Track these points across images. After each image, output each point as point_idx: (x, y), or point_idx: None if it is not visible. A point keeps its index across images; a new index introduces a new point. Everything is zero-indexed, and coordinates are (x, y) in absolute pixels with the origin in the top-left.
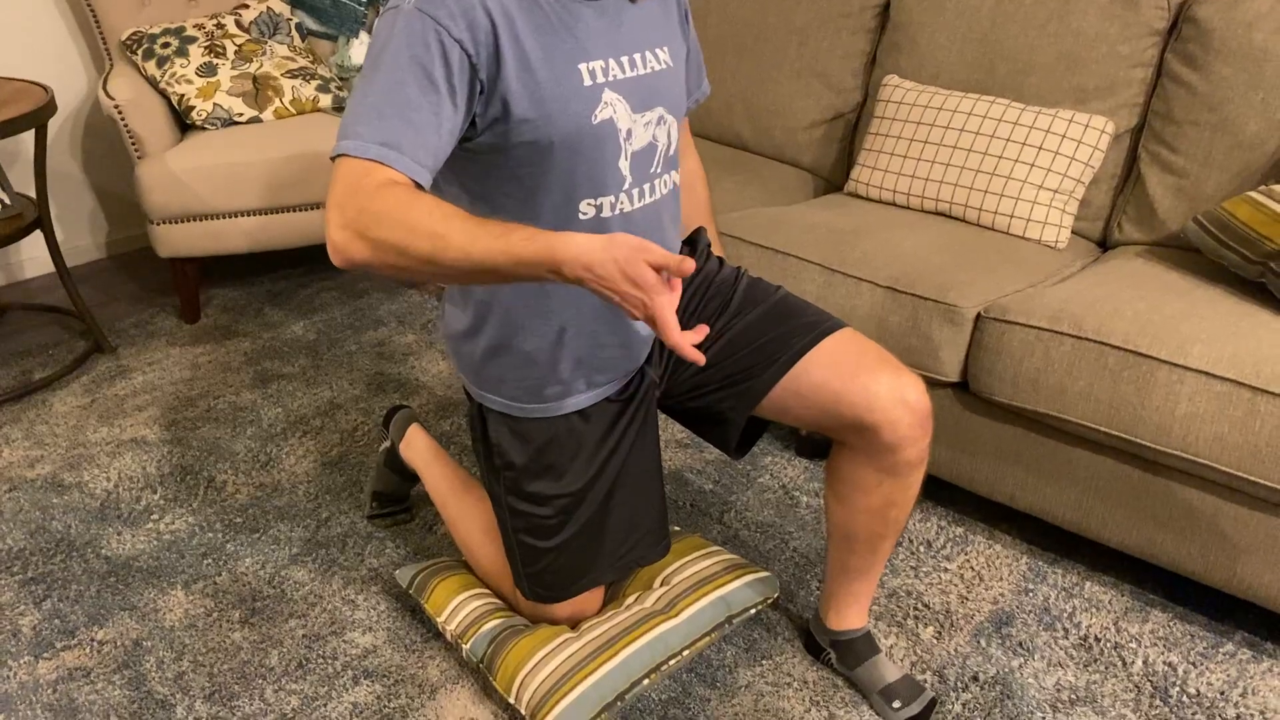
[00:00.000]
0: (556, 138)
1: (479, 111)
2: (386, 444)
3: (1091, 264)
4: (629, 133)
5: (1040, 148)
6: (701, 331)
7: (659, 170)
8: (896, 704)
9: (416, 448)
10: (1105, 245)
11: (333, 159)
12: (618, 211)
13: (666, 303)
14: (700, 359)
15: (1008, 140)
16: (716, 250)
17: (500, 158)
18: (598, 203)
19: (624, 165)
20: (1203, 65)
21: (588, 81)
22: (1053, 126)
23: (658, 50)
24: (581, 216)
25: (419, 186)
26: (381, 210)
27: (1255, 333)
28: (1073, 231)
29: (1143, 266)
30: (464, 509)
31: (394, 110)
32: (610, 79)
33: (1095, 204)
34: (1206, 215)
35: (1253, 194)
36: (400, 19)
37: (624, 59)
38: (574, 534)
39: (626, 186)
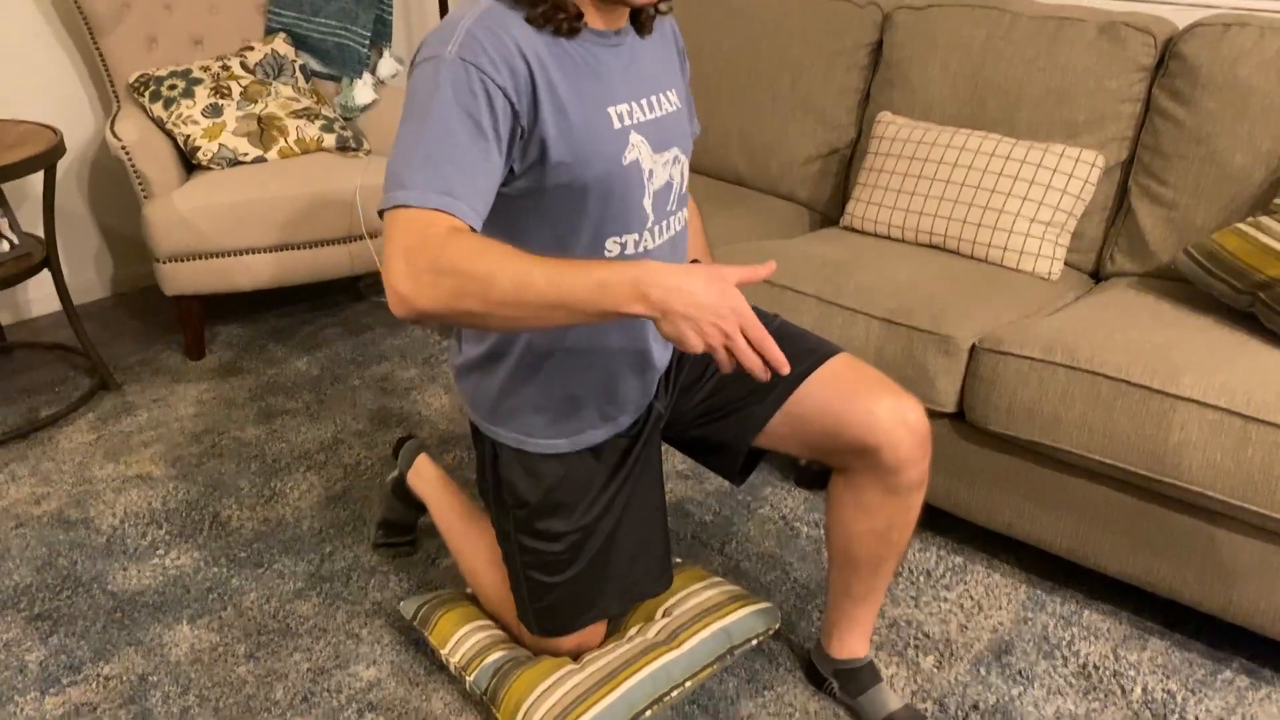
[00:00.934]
0: (590, 179)
1: (517, 156)
2: (395, 473)
3: (1084, 295)
4: (651, 173)
5: (1032, 181)
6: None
7: (674, 208)
8: None
9: (425, 477)
10: (1098, 276)
11: (384, 210)
12: (641, 249)
13: (752, 315)
14: (786, 367)
15: (1000, 174)
16: None
17: (534, 199)
18: (623, 240)
19: (647, 204)
20: (1190, 100)
21: (617, 124)
22: (1044, 160)
23: (668, 92)
24: (607, 254)
25: (474, 229)
26: (457, 257)
27: (1245, 361)
28: (1065, 263)
29: (1135, 297)
30: (470, 539)
31: (447, 158)
32: (635, 121)
33: (1087, 236)
34: (1196, 246)
35: (1241, 225)
36: (444, 68)
37: (644, 101)
38: (582, 569)
39: (649, 224)
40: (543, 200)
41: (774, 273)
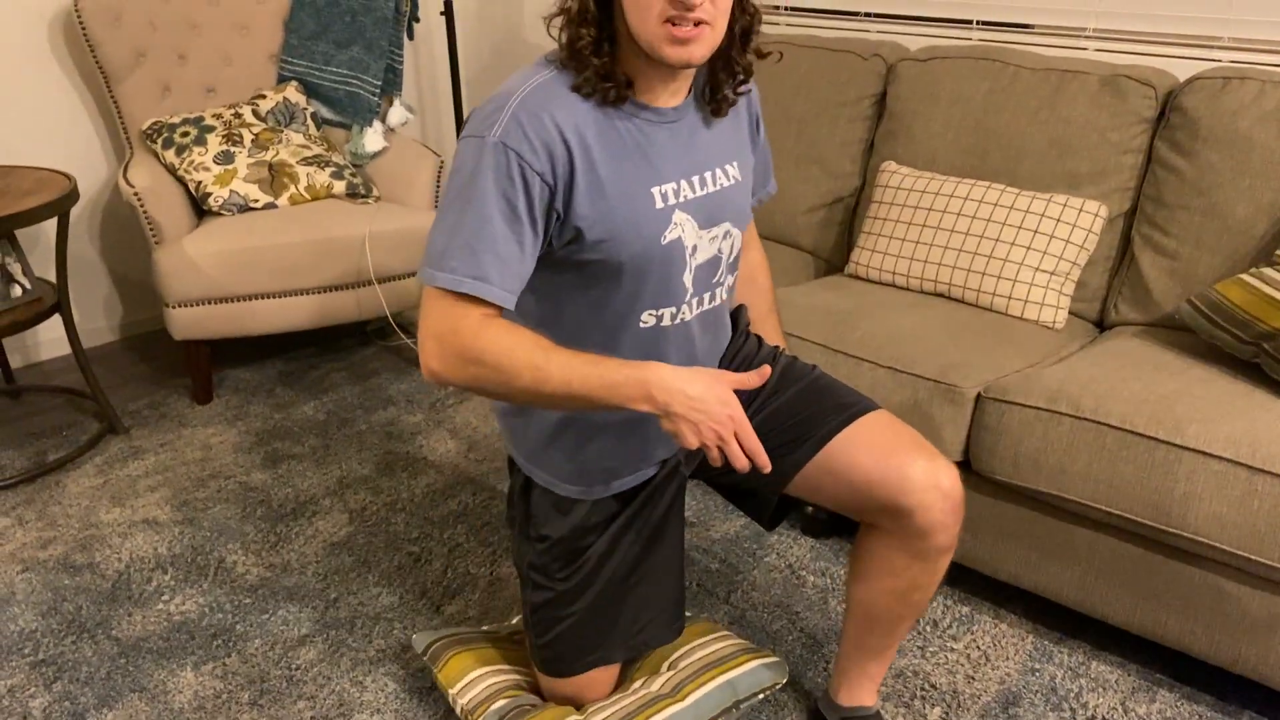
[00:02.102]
0: (626, 258)
1: (555, 233)
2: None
3: (1089, 344)
4: (694, 249)
5: (1036, 231)
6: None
7: (721, 279)
8: None
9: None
10: (1102, 325)
11: (423, 281)
12: (678, 321)
13: (746, 423)
14: (768, 466)
15: (1004, 224)
16: (776, 339)
17: (572, 272)
18: (659, 313)
19: (687, 279)
20: (1191, 152)
21: (659, 204)
22: (1047, 210)
23: (727, 167)
24: (642, 325)
25: (506, 309)
26: (486, 349)
27: (1250, 412)
28: (1070, 312)
29: (1139, 346)
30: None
31: (484, 245)
32: (680, 200)
33: (1091, 285)
34: (1199, 297)
35: (1244, 276)
36: (486, 153)
37: (694, 179)
38: (589, 606)
39: (688, 298)
40: (580, 274)
41: (767, 377)
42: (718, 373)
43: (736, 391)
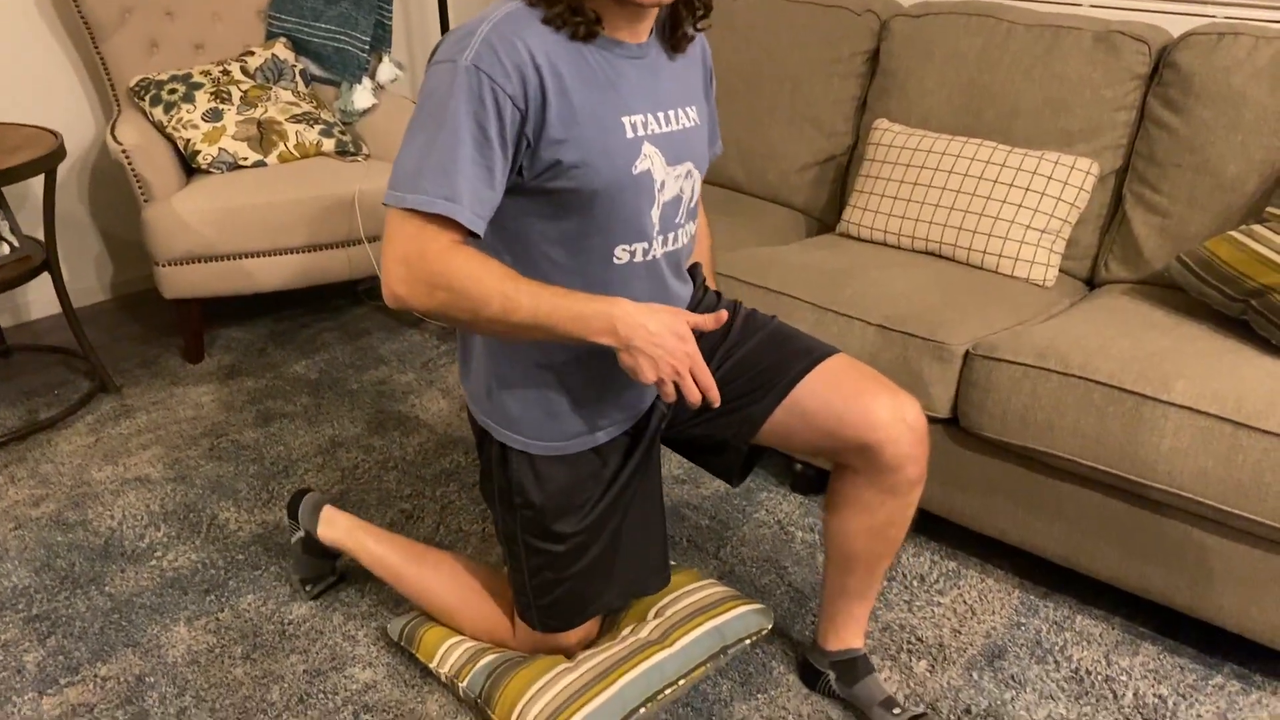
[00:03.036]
0: (599, 186)
1: (525, 162)
2: (300, 534)
3: (1079, 302)
4: (662, 184)
5: (1027, 189)
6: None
7: (682, 220)
8: (896, 710)
9: (341, 527)
10: (1092, 283)
11: (388, 204)
12: (649, 257)
13: (700, 358)
14: (718, 400)
15: (995, 181)
16: (711, 285)
17: (544, 203)
18: (632, 248)
19: (654, 214)
20: (1184, 109)
21: (630, 134)
22: (1039, 168)
23: (688, 109)
24: (616, 261)
25: (476, 235)
26: (454, 274)
27: (1238, 369)
28: (1060, 270)
29: (1128, 304)
30: (425, 578)
31: (456, 167)
32: (649, 133)
33: (1082, 243)
34: (1189, 254)
35: (1234, 233)
36: (459, 75)
37: (660, 115)
38: (588, 565)
39: (655, 234)
40: (552, 204)
41: (722, 321)
42: (677, 310)
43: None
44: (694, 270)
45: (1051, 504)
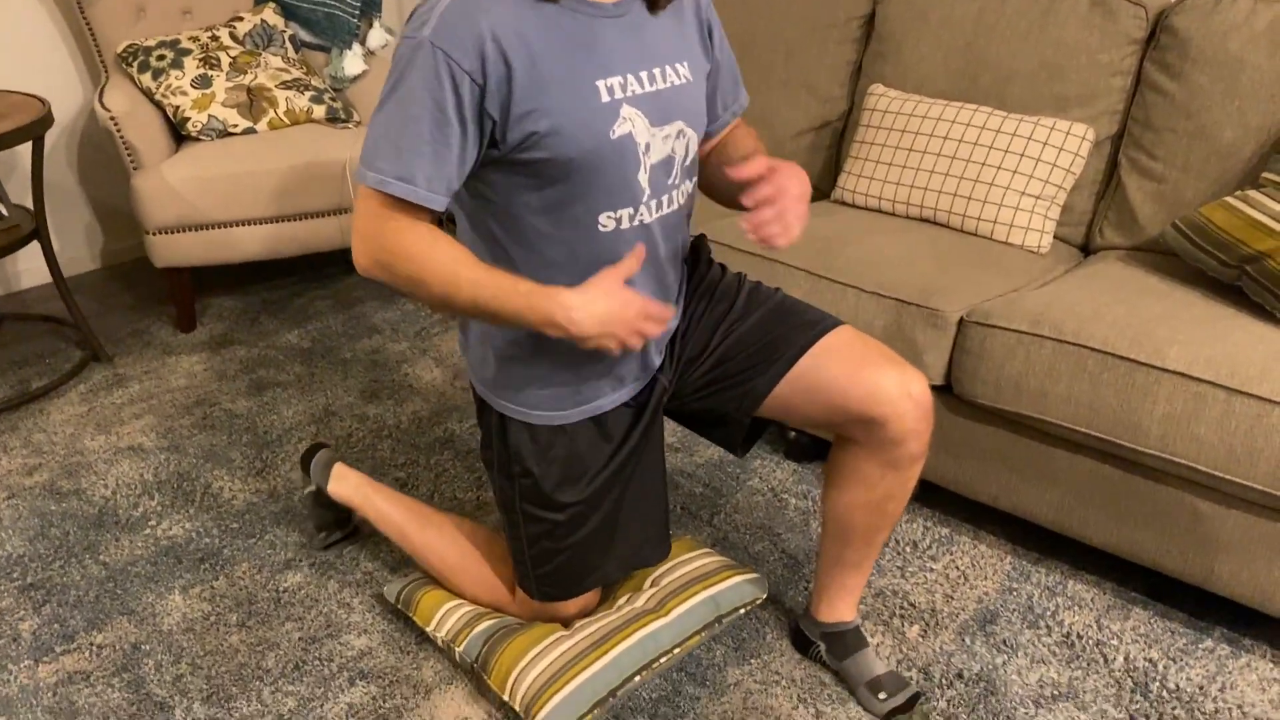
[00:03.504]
0: (575, 154)
1: (499, 135)
2: (310, 488)
3: (1073, 268)
4: (648, 146)
5: (1022, 155)
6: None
7: (677, 181)
8: (882, 695)
9: (350, 483)
10: (1087, 250)
11: (355, 180)
12: (637, 222)
13: (641, 302)
14: (669, 314)
15: (990, 147)
16: (758, 158)
17: (524, 174)
18: (617, 215)
19: (643, 178)
20: (1180, 74)
21: (605, 98)
22: (1034, 134)
23: (677, 65)
24: (601, 229)
25: (436, 212)
26: (401, 254)
27: (1231, 335)
28: (1055, 236)
29: (1123, 271)
30: (428, 539)
31: (410, 144)
32: (629, 94)
33: (1077, 209)
34: (1184, 220)
35: (1229, 199)
36: (418, 53)
37: (643, 74)
38: (587, 535)
39: (645, 199)
40: (532, 174)
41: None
42: (606, 278)
43: (696, 318)
44: (700, 244)
45: (1044, 470)
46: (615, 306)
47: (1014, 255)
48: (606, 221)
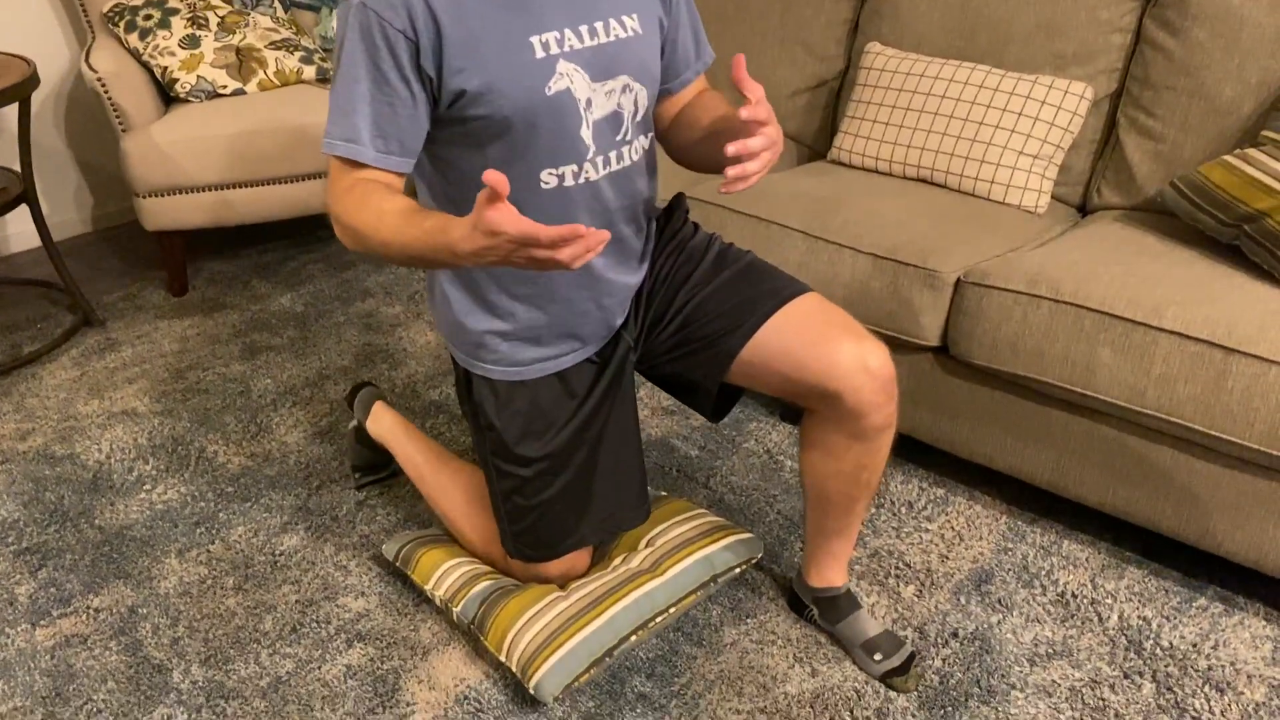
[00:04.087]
0: (510, 112)
1: (436, 93)
2: (354, 422)
3: (1070, 229)
4: (589, 102)
5: (1020, 114)
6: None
7: (628, 136)
8: (878, 656)
9: (385, 424)
10: (1084, 210)
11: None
12: (582, 180)
13: (526, 229)
14: (578, 234)
15: (988, 106)
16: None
17: (461, 131)
18: (559, 172)
19: (586, 134)
20: (1180, 30)
21: (539, 54)
22: (1032, 93)
23: (624, 18)
24: (544, 186)
25: (401, 174)
26: (342, 213)
27: (1229, 294)
28: (1052, 196)
29: (1120, 231)
30: (442, 483)
31: (352, 105)
32: (566, 49)
33: (1075, 169)
34: (1183, 179)
35: (1228, 158)
36: (353, 15)
37: (583, 28)
38: (558, 493)
39: (590, 155)
40: (469, 131)
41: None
42: (471, 218)
43: (663, 277)
44: (676, 202)
45: (1040, 430)
46: (490, 238)
47: (1011, 215)
48: (548, 179)
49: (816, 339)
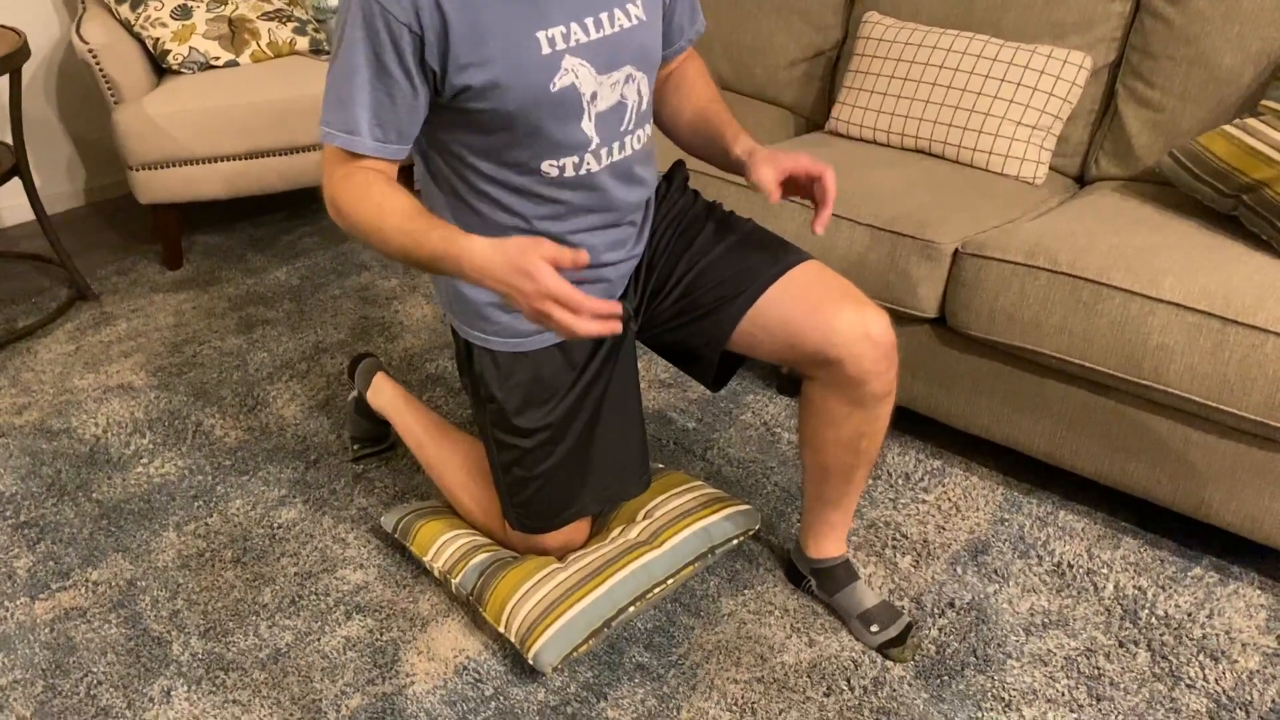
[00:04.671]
0: (514, 107)
1: (439, 86)
2: (354, 393)
3: (1068, 199)
4: (594, 95)
5: (1019, 84)
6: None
7: (630, 126)
8: (874, 628)
9: (385, 395)
10: (1083, 180)
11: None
12: (584, 171)
13: (563, 288)
14: (617, 329)
15: (986, 76)
16: (746, 141)
17: (465, 121)
18: (560, 163)
19: (588, 127)
20: None
21: (545, 50)
22: (1031, 62)
23: (629, 6)
24: (544, 174)
25: (396, 161)
26: (339, 203)
27: (1226, 265)
28: (1050, 167)
29: (1118, 201)
30: (442, 454)
31: (351, 96)
32: (571, 44)
33: (1073, 139)
34: (1181, 149)
35: (1227, 128)
36: (356, 5)
37: (588, 20)
38: (558, 464)
39: (593, 147)
40: (473, 123)
41: (585, 262)
42: (524, 245)
43: (663, 247)
44: (674, 171)
45: (1037, 402)
46: (517, 275)
47: (1009, 186)
48: (549, 169)
49: (817, 305)
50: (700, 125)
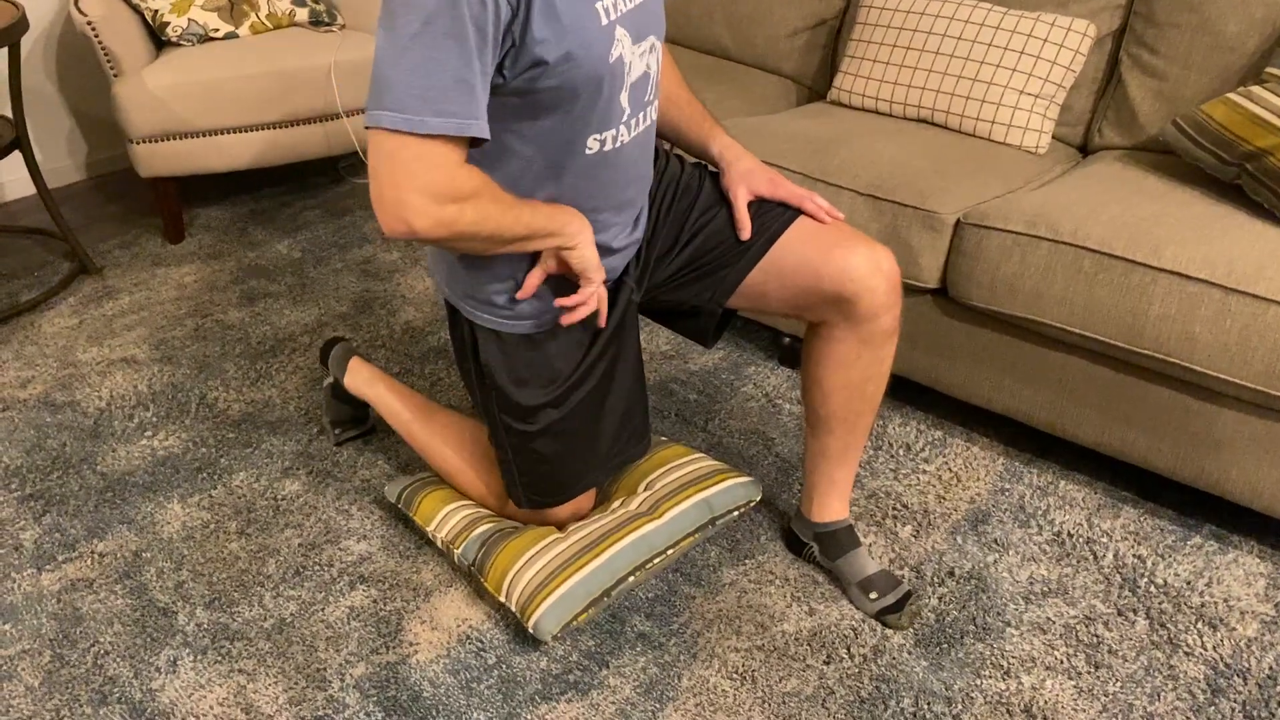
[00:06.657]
0: (580, 82)
1: (508, 61)
2: (329, 380)
3: (1071, 169)
4: (630, 66)
5: (1022, 52)
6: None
7: (650, 97)
8: (874, 595)
9: (363, 377)
10: (1085, 150)
11: (398, 129)
12: (618, 144)
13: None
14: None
15: (989, 45)
16: (723, 138)
17: (522, 100)
18: (602, 137)
19: (624, 98)
20: None
21: (604, 20)
22: (1034, 30)
23: None
24: (587, 151)
25: (474, 141)
26: (473, 192)
27: (1228, 234)
28: (1053, 136)
29: (1121, 171)
30: (432, 434)
31: (474, 79)
32: (619, 15)
33: (1076, 109)
34: (1184, 118)
35: (1231, 96)
36: None
37: None
38: (569, 440)
39: (625, 118)
40: (533, 104)
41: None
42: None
43: (661, 217)
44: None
45: (1038, 372)
46: (596, 268)
47: (1011, 156)
48: (593, 144)
49: (830, 245)
50: (669, 109)
